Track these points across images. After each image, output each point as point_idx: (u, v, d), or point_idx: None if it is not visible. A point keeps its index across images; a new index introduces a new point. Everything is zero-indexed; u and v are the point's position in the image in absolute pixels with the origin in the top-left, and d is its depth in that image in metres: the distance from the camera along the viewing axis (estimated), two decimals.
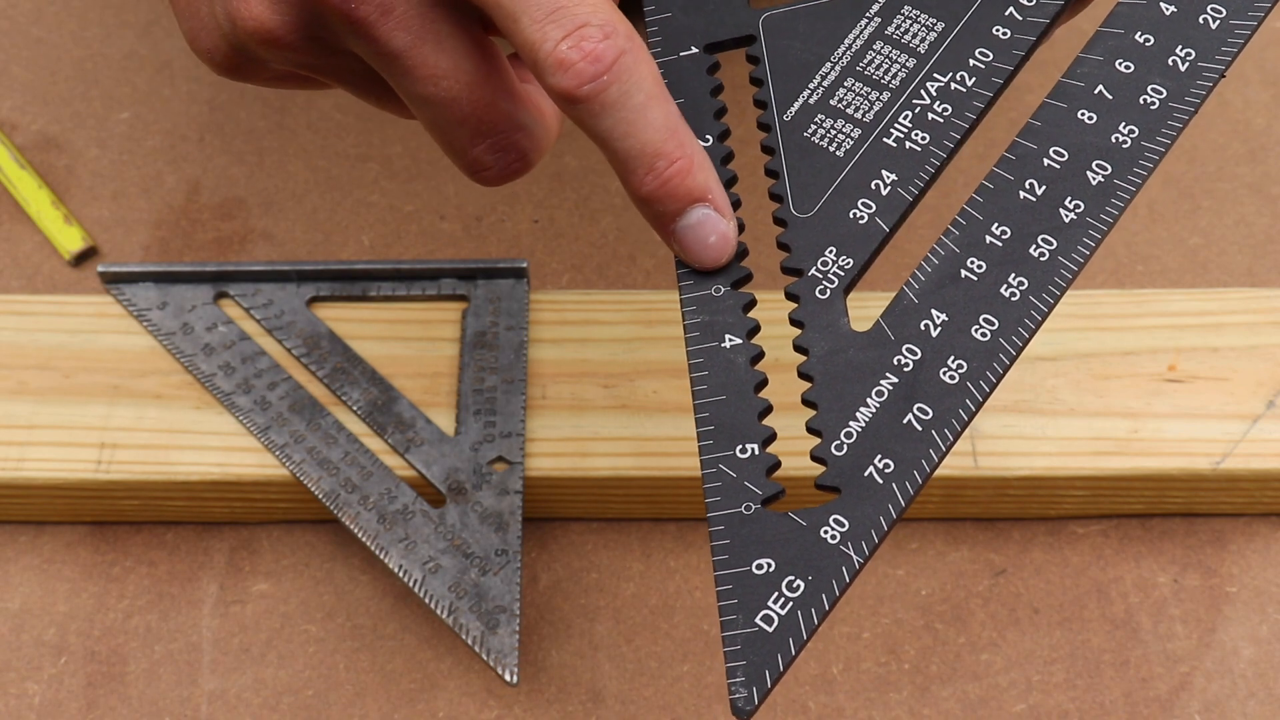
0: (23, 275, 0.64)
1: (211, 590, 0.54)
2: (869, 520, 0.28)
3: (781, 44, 0.34)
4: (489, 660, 0.48)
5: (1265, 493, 0.55)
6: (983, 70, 0.34)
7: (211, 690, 0.52)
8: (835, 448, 0.30)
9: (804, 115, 0.34)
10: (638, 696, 0.52)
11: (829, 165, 0.33)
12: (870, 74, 0.33)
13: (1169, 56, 0.32)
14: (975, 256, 0.31)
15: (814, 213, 0.33)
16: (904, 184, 0.33)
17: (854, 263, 0.32)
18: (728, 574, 0.28)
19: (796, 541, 0.28)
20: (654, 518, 0.56)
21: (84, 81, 0.72)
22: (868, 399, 0.30)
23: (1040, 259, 0.30)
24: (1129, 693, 0.52)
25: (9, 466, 0.53)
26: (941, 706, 0.52)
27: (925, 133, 0.33)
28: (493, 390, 0.55)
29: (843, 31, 0.34)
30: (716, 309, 0.31)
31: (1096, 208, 0.31)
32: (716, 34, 0.35)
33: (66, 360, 0.56)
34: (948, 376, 0.29)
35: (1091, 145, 0.31)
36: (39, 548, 0.55)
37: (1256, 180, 0.69)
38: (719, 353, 0.31)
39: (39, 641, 0.53)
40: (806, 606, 0.28)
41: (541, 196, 0.68)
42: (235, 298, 0.57)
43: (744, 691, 0.27)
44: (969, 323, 0.30)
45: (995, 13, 0.33)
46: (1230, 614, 0.54)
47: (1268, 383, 0.56)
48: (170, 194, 0.68)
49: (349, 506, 0.51)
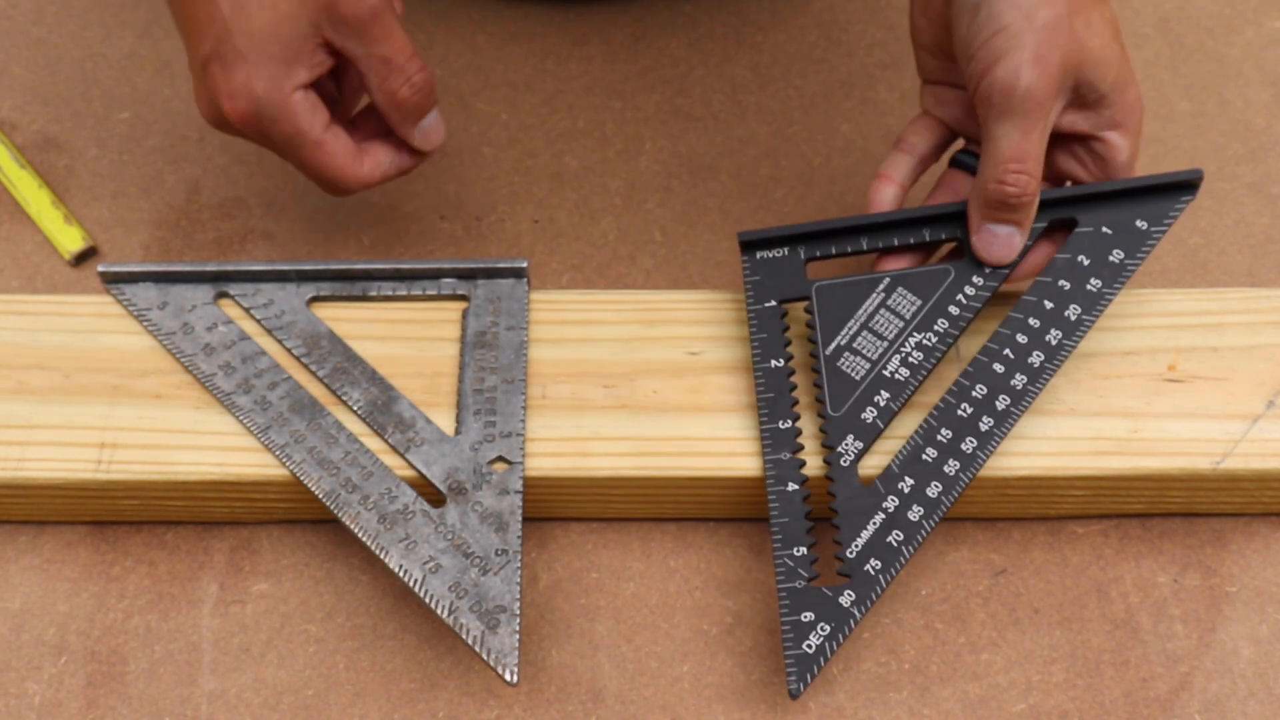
0: (23, 275, 0.64)
1: (211, 590, 0.54)
2: (866, 594, 0.48)
3: (825, 305, 0.53)
4: (489, 660, 0.48)
5: (1265, 492, 0.55)
6: (941, 333, 0.53)
7: (211, 690, 0.52)
8: (848, 553, 0.49)
9: (837, 352, 0.52)
10: (638, 696, 0.52)
11: (850, 384, 0.52)
12: (877, 329, 0.53)
13: (1064, 311, 0.53)
14: (930, 447, 0.50)
15: (841, 413, 0.51)
16: (894, 400, 0.52)
17: (863, 445, 0.51)
18: (788, 619, 0.48)
19: (826, 604, 0.48)
20: (654, 518, 0.56)
21: (84, 81, 0.72)
22: (867, 526, 0.49)
23: (966, 450, 0.50)
24: (1129, 692, 0.52)
25: (9, 466, 0.53)
26: (941, 706, 0.52)
27: (906, 369, 0.52)
28: (493, 390, 0.55)
29: (862, 300, 0.53)
30: (786, 469, 0.51)
31: (1018, 401, 0.51)
32: (786, 293, 0.54)
33: (66, 360, 0.56)
34: (912, 516, 0.49)
35: (1013, 365, 0.52)
36: (39, 548, 0.55)
37: (1257, 180, 0.69)
38: (786, 494, 0.50)
39: (39, 641, 0.53)
40: (830, 640, 0.47)
41: (541, 196, 0.68)
42: (235, 297, 0.57)
43: (797, 684, 0.47)
44: (924, 485, 0.50)
45: (952, 295, 0.53)
46: (1230, 614, 0.54)
47: (1268, 382, 0.56)
48: (170, 194, 0.68)
49: (349, 506, 0.51)
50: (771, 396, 0.52)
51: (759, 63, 0.74)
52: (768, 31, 0.76)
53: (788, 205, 0.67)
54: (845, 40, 0.75)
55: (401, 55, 0.54)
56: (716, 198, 0.68)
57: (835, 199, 0.68)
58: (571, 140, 0.71)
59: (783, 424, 0.51)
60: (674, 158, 0.70)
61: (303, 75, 0.54)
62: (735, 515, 0.56)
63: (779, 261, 0.54)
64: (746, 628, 0.54)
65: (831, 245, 0.55)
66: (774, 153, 0.70)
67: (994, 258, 0.54)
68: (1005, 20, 0.50)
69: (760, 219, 0.67)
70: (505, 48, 0.75)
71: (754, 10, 0.77)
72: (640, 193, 0.68)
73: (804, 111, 0.72)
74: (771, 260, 0.54)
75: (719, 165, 0.69)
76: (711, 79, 0.73)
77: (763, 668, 0.52)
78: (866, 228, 0.55)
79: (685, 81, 0.73)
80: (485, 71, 0.74)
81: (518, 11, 0.76)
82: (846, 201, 0.68)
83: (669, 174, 0.69)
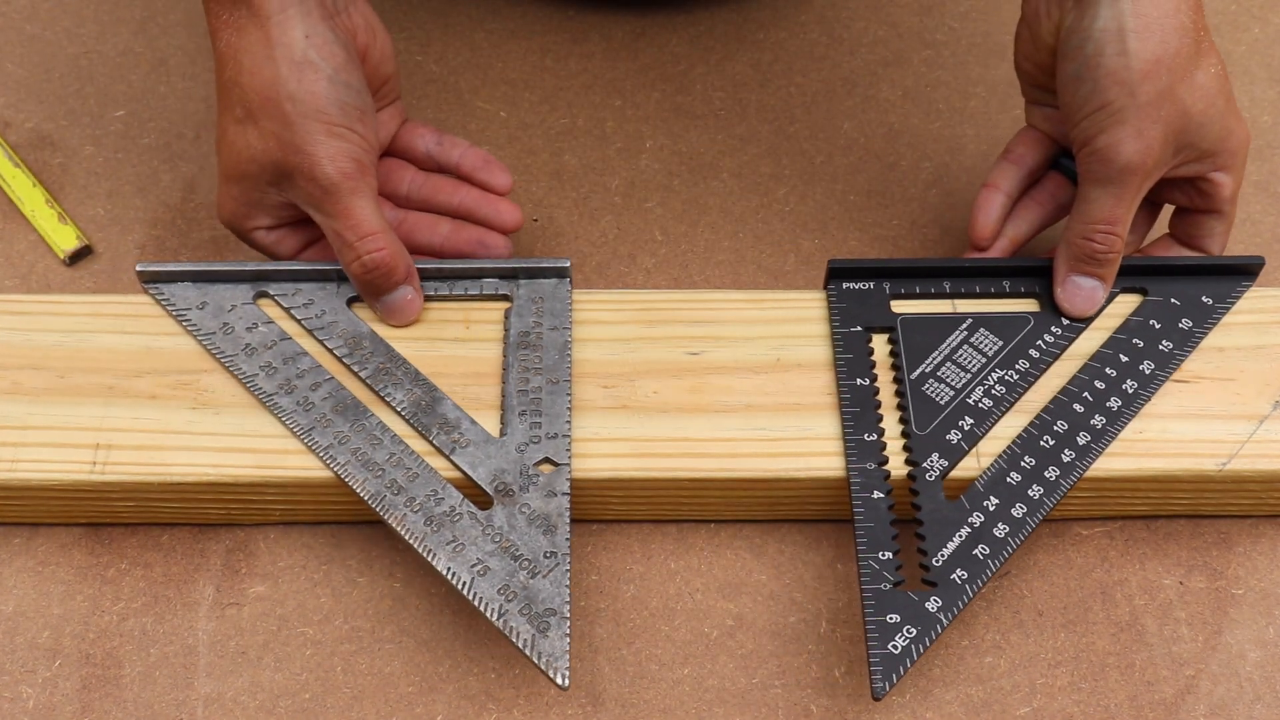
0: (17, 274, 0.64)
1: (208, 593, 0.54)
2: (952, 602, 0.49)
3: (910, 336, 0.56)
4: (540, 664, 0.47)
5: (1272, 494, 0.54)
6: (1023, 372, 0.55)
7: (207, 693, 0.51)
8: (934, 561, 0.50)
9: (921, 378, 0.55)
10: (637, 700, 0.51)
11: (935, 408, 0.54)
12: (960, 361, 0.55)
13: (1139, 365, 0.55)
14: (1015, 472, 0.52)
15: (926, 432, 0.53)
16: (978, 427, 0.54)
17: (948, 464, 0.53)
18: (874, 620, 0.49)
19: (912, 607, 0.49)
20: (654, 519, 0.56)
21: (79, 79, 0.72)
22: (953, 538, 0.51)
23: (1050, 478, 0.52)
24: (1134, 696, 0.52)
25: (3, 468, 0.52)
26: (944, 710, 0.51)
27: (989, 400, 0.54)
28: (538, 391, 0.54)
29: (946, 335, 0.56)
30: (871, 478, 0.52)
31: (1099, 439, 0.53)
32: (872, 322, 0.57)
33: (61, 360, 0.56)
34: (997, 532, 0.51)
35: (1093, 406, 0.54)
36: (33, 550, 0.55)
37: (1263, 178, 0.68)
38: (872, 500, 0.52)
39: (33, 644, 0.52)
40: (915, 644, 0.48)
41: (541, 196, 0.68)
42: (275, 297, 0.57)
43: (882, 684, 0.47)
44: (1009, 506, 0.51)
45: (1031, 340, 0.56)
46: (1236, 616, 0.54)
47: (1274, 383, 0.55)
48: (166, 192, 0.67)
49: (395, 509, 0.51)
50: (857, 410, 0.54)
51: (760, 60, 0.74)
52: (769, 29, 0.75)
53: (789, 204, 0.67)
54: (847, 38, 0.75)
55: (355, 233, 0.54)
56: (717, 196, 0.68)
57: (838, 198, 0.67)
58: (571, 138, 0.70)
59: (868, 436, 0.53)
60: (674, 156, 0.69)
61: (263, 220, 0.56)
62: (736, 517, 0.56)
63: (865, 293, 0.57)
64: (747, 630, 0.53)
65: (915, 284, 0.57)
66: (775, 151, 0.69)
67: (1076, 309, 0.56)
68: (1109, 96, 0.51)
69: (762, 218, 0.66)
70: (504, 45, 0.74)
71: (755, 8, 0.76)
72: (640, 191, 0.68)
73: (805, 109, 0.71)
74: (857, 291, 0.57)
75: (720, 164, 0.69)
76: (712, 77, 0.73)
77: (763, 671, 0.52)
78: (950, 271, 0.58)
79: (686, 79, 0.73)
80: (484, 69, 0.73)
81: (517, 9, 0.76)
82: (849, 200, 0.67)
83: (669, 172, 0.69)
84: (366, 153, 0.54)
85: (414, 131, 0.60)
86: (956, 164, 0.69)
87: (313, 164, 0.52)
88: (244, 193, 0.55)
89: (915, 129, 0.70)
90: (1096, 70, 0.51)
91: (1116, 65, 0.51)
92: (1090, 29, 0.51)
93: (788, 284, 0.64)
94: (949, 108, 0.71)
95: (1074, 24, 0.52)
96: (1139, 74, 0.51)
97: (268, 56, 0.51)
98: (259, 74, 0.52)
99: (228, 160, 0.54)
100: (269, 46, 0.51)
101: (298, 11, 0.52)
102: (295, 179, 0.53)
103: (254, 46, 0.52)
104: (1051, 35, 0.54)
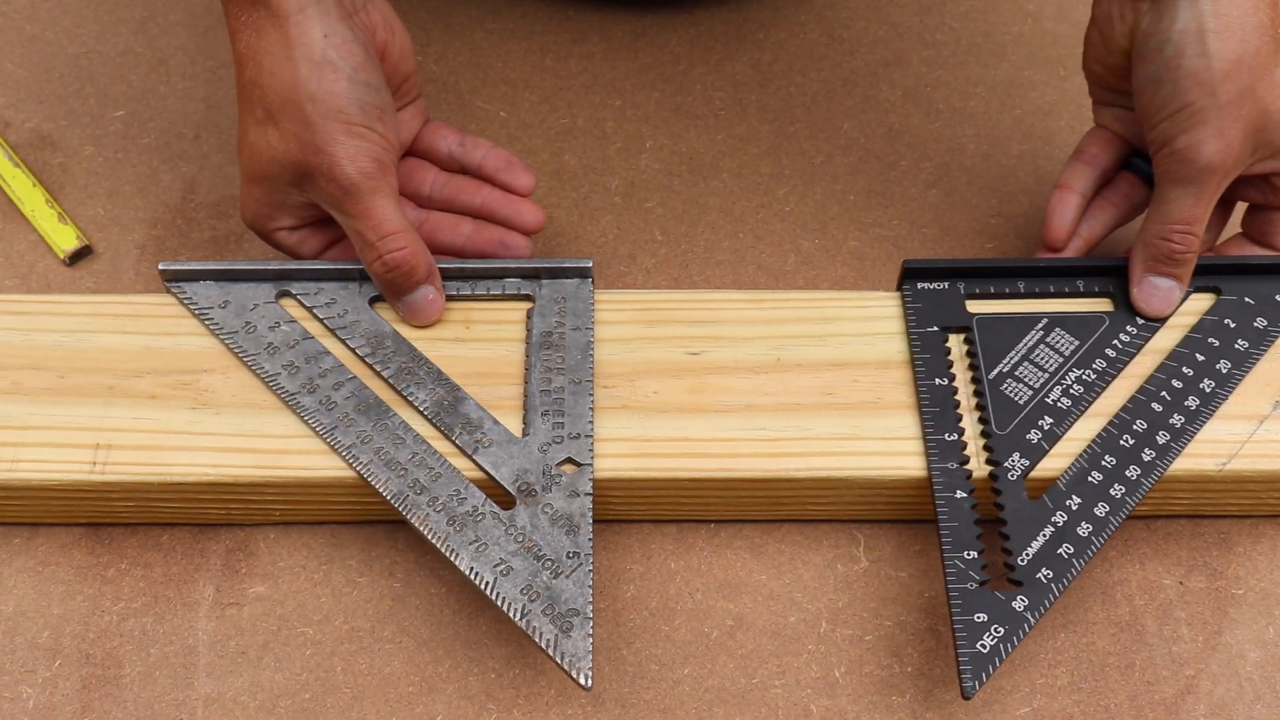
0: (17, 274, 0.64)
1: (208, 593, 0.54)
2: (1039, 601, 0.49)
3: (986, 336, 0.56)
4: (563, 664, 0.47)
5: (1272, 494, 0.54)
6: (1100, 371, 0.55)
7: (207, 694, 0.51)
8: (1019, 560, 0.50)
9: (999, 378, 0.55)
10: (637, 700, 0.51)
11: (1014, 407, 0.54)
12: (1037, 361, 0.55)
13: (1215, 364, 0.55)
14: (1096, 471, 0.52)
15: (1006, 432, 0.54)
16: (1057, 426, 0.54)
17: (1029, 463, 0.53)
18: (961, 619, 0.49)
19: (999, 607, 0.49)
20: (654, 518, 0.56)
21: (79, 79, 0.72)
22: (1037, 538, 0.51)
23: (1131, 478, 0.52)
24: (1134, 696, 0.52)
25: (3, 468, 0.52)
26: (945, 710, 0.51)
27: (1068, 400, 0.54)
28: (560, 391, 0.54)
29: (1023, 335, 0.56)
30: (953, 478, 0.52)
31: (1178, 438, 0.53)
32: (948, 322, 0.57)
33: (61, 360, 0.56)
34: (1081, 531, 0.51)
35: (1171, 405, 0.54)
36: (33, 550, 0.55)
37: None
38: (955, 500, 0.52)
39: (33, 644, 0.52)
40: (1004, 642, 0.48)
41: (541, 196, 0.68)
42: (297, 296, 0.57)
43: (971, 682, 0.47)
44: (1091, 505, 0.51)
45: (1107, 340, 0.56)
46: (1236, 616, 0.54)
47: (1274, 383, 0.55)
48: (166, 192, 0.67)
49: (418, 508, 0.51)
50: (937, 410, 0.54)
51: (760, 60, 0.74)
52: (769, 29, 0.75)
53: (789, 204, 0.67)
54: (847, 38, 0.75)
55: (376, 233, 0.53)
56: (717, 196, 0.68)
57: (837, 198, 0.67)
58: (571, 138, 0.70)
59: (948, 436, 0.53)
60: (674, 156, 0.69)
61: (286, 220, 0.56)
62: (735, 517, 0.56)
63: (940, 293, 0.57)
64: (748, 630, 0.53)
65: (990, 284, 0.58)
66: (775, 151, 0.69)
67: (1153, 309, 0.56)
68: (1189, 98, 0.51)
69: (762, 218, 0.66)
70: (504, 45, 0.74)
71: (755, 7, 0.76)
72: (640, 191, 0.68)
73: (805, 109, 0.71)
74: (932, 291, 0.57)
75: (720, 164, 0.69)
76: (712, 76, 0.73)
77: (764, 671, 0.52)
78: (1024, 271, 0.58)
79: (686, 79, 0.73)
80: (484, 69, 0.73)
81: (517, 9, 0.76)
82: (849, 200, 0.67)
83: (669, 172, 0.69)
84: (386, 151, 0.54)
85: (437, 132, 0.60)
86: (956, 164, 0.69)
87: (333, 164, 0.52)
88: (266, 194, 0.55)
89: (915, 129, 0.70)
90: (1176, 72, 0.51)
91: (1197, 66, 0.51)
92: (1169, 31, 0.51)
93: (788, 284, 0.64)
94: (949, 108, 0.71)
95: (1151, 26, 0.52)
96: (1220, 74, 0.50)
97: (287, 57, 0.51)
98: (278, 74, 0.52)
99: (249, 161, 0.54)
100: (288, 47, 0.51)
101: (316, 11, 0.52)
102: (316, 179, 0.53)
103: (273, 47, 0.52)
104: (1125, 38, 0.54)
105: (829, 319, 0.57)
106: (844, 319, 0.57)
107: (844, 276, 0.64)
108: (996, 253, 0.65)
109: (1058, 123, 0.71)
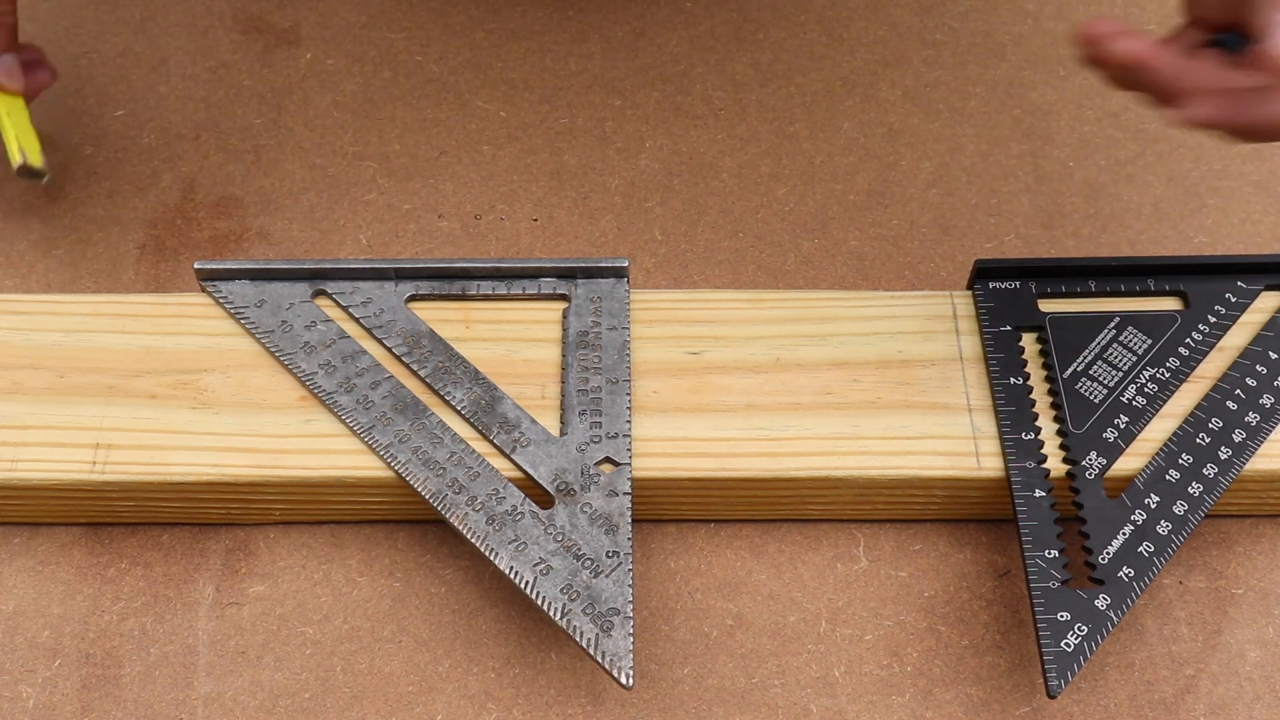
0: (17, 274, 0.64)
1: (207, 592, 0.54)
2: (1121, 600, 0.50)
3: (1060, 335, 0.57)
4: (604, 663, 0.47)
5: (1271, 494, 0.54)
6: (1174, 369, 0.55)
7: (207, 693, 0.51)
8: (1100, 558, 0.50)
9: (1074, 376, 0.55)
10: (637, 699, 0.51)
11: (1090, 406, 0.55)
12: (1111, 359, 0.56)
13: None
14: (1173, 469, 0.53)
15: (1082, 431, 0.54)
16: (1133, 424, 0.54)
17: (1106, 462, 0.53)
18: (1044, 618, 0.49)
19: (1082, 606, 0.49)
20: (654, 519, 0.56)
21: (78, 78, 0.72)
22: (1117, 536, 0.51)
23: (1209, 475, 0.52)
24: (1134, 695, 0.52)
25: (3, 467, 0.52)
26: (944, 709, 0.51)
27: (1142, 398, 0.55)
28: (597, 391, 0.54)
29: (1095, 334, 0.57)
30: (1032, 477, 0.53)
31: (1254, 436, 0.53)
32: (1021, 321, 0.57)
33: (61, 360, 0.56)
34: (1160, 529, 0.51)
35: (1246, 404, 0.54)
36: (33, 549, 0.55)
37: (1262, 178, 0.68)
38: (1034, 499, 0.52)
39: (33, 644, 0.52)
40: (1088, 641, 0.49)
41: (541, 195, 0.68)
42: (333, 295, 0.57)
43: (1057, 681, 0.48)
44: (1170, 503, 0.52)
45: (1180, 339, 0.56)
46: (1236, 616, 0.54)
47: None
48: (166, 192, 0.67)
49: (456, 508, 0.51)
50: (1013, 410, 0.54)
51: (760, 60, 0.74)
52: (769, 29, 0.75)
53: (789, 204, 0.67)
54: (847, 37, 0.75)
55: None
56: (717, 196, 0.68)
57: (837, 198, 0.67)
58: (571, 138, 0.70)
59: (1025, 435, 0.53)
60: (674, 156, 0.69)
61: None
62: (735, 517, 0.56)
63: (1012, 292, 0.58)
64: (747, 630, 0.53)
65: (1061, 284, 0.58)
66: (775, 151, 0.69)
67: None
68: None
69: (762, 218, 0.66)
70: (504, 45, 0.74)
71: (755, 7, 0.76)
72: (640, 191, 0.68)
73: (805, 109, 0.71)
74: (1004, 291, 0.58)
75: (720, 164, 0.69)
76: (712, 76, 0.73)
77: (763, 670, 0.52)
78: (1095, 270, 0.58)
79: (685, 79, 0.73)
80: (484, 69, 0.73)
81: (516, 8, 0.76)
82: (849, 200, 0.67)
83: (669, 172, 0.69)
84: None
85: None
86: (956, 164, 0.69)
87: None
88: None
89: (915, 129, 0.70)
90: None
91: None
92: None
93: (788, 284, 0.64)
94: (949, 108, 0.71)
95: None
96: None
97: None
98: None
99: None
100: None
101: None
102: None
103: None
104: None
105: (829, 319, 0.57)
106: (844, 319, 0.57)
107: (844, 276, 0.64)
108: (996, 253, 0.65)
109: (1058, 123, 0.71)
